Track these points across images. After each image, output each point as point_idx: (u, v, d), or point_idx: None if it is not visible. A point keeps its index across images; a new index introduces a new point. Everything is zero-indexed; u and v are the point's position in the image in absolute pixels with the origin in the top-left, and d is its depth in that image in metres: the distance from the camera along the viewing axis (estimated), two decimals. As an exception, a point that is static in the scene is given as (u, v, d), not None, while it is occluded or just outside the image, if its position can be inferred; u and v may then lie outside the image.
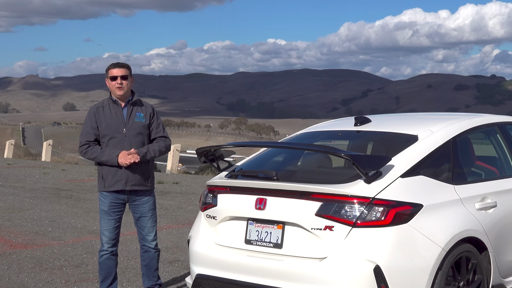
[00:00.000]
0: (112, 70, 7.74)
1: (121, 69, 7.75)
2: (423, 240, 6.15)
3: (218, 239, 6.90)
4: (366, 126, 7.62)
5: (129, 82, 7.78)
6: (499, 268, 7.01)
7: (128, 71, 7.79)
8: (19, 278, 9.15)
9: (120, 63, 7.83)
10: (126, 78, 7.73)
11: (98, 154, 7.61)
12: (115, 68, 7.75)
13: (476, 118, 7.84)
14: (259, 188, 6.61)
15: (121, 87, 7.68)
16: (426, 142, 6.88)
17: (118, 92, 7.70)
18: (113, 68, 7.76)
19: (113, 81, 7.70)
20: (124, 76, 7.71)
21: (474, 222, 6.67)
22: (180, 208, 15.70)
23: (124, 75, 7.71)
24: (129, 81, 7.76)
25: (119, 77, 7.68)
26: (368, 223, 6.06)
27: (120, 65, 7.80)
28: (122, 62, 7.84)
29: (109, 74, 7.75)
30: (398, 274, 6.02)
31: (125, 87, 7.71)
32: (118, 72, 7.71)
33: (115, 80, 7.69)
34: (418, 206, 6.22)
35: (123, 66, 7.79)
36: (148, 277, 7.94)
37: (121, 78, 7.68)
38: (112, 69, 7.75)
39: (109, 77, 7.74)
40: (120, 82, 7.67)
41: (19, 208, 15.42)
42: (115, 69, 7.74)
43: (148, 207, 7.82)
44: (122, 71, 7.73)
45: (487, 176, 7.60)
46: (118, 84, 7.67)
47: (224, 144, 7.35)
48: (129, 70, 7.82)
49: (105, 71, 7.83)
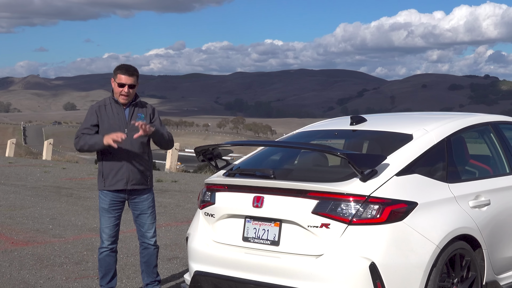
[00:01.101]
0: (121, 77, 7.45)
1: (131, 78, 7.46)
2: (417, 237, 6.15)
3: (216, 236, 6.90)
4: (361, 125, 7.62)
5: (135, 90, 7.58)
6: (493, 265, 7.01)
7: (137, 79, 7.52)
8: (20, 274, 9.14)
9: (130, 69, 7.52)
10: (134, 87, 7.51)
11: (87, 139, 7.41)
12: (124, 74, 7.45)
13: (470, 117, 7.84)
14: (256, 186, 6.61)
15: (127, 96, 7.51)
16: (421, 141, 6.88)
17: (122, 101, 7.52)
18: (122, 74, 7.46)
19: (119, 88, 7.47)
20: (132, 85, 7.48)
21: (468, 219, 6.68)
22: (178, 206, 15.70)
23: (132, 84, 7.48)
24: (135, 89, 7.57)
25: (127, 86, 7.46)
26: (363, 221, 6.06)
27: (131, 72, 7.49)
28: (133, 68, 7.54)
29: (117, 78, 7.47)
30: (393, 271, 6.02)
31: (131, 96, 7.54)
32: (127, 80, 7.45)
33: (122, 87, 7.46)
34: (413, 204, 6.22)
35: (133, 74, 7.48)
36: (147, 274, 7.92)
37: (129, 87, 7.47)
38: (121, 75, 7.46)
39: (116, 82, 7.49)
40: (127, 91, 7.47)
41: (20, 206, 15.41)
42: (124, 77, 7.45)
43: (147, 204, 7.80)
44: (131, 80, 7.46)
45: (481, 175, 7.60)
46: (124, 92, 7.47)
47: (222, 143, 7.35)
48: (137, 78, 7.55)
49: (113, 72, 7.55)
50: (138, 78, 7.60)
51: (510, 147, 7.89)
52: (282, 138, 8.40)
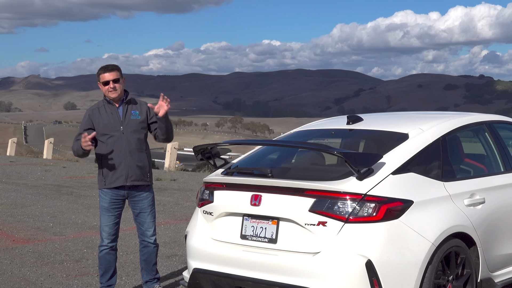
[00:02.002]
0: (104, 75, 7.66)
1: (112, 72, 7.67)
2: (413, 235, 6.16)
3: (215, 234, 6.90)
4: (358, 124, 7.62)
5: (121, 84, 7.73)
6: (487, 263, 7.02)
7: (119, 73, 7.71)
8: (21, 272, 9.14)
9: (109, 66, 7.74)
10: (118, 81, 7.67)
11: (75, 146, 7.61)
12: (105, 72, 7.67)
13: (465, 117, 7.84)
14: (254, 185, 6.62)
15: (114, 90, 7.65)
16: (417, 140, 6.88)
17: (112, 96, 7.67)
18: (103, 73, 7.67)
19: (105, 86, 7.65)
20: (115, 79, 7.65)
21: (463, 217, 6.68)
22: (177, 204, 15.70)
23: (115, 78, 7.65)
24: (121, 83, 7.71)
25: (111, 81, 7.63)
26: (360, 219, 6.07)
27: (110, 68, 7.71)
28: (112, 65, 7.77)
29: (101, 79, 7.68)
30: (389, 268, 6.03)
31: (118, 90, 7.67)
32: (109, 76, 7.65)
33: (107, 85, 7.64)
34: (409, 202, 6.23)
35: (113, 70, 7.70)
36: (146, 271, 7.93)
37: (113, 82, 7.64)
38: (103, 74, 7.67)
39: (101, 82, 7.69)
40: (113, 86, 7.64)
41: (21, 204, 15.40)
42: (106, 74, 7.66)
43: (147, 203, 7.81)
44: (113, 74, 7.66)
45: (476, 173, 7.60)
46: (111, 88, 7.63)
47: (221, 142, 7.35)
48: (119, 72, 7.73)
49: (96, 76, 7.76)
50: (121, 73, 7.75)
51: (504, 146, 7.89)
52: (279, 137, 8.39)
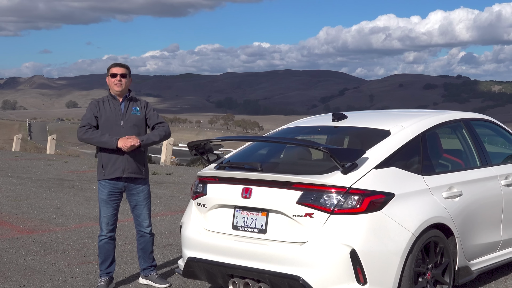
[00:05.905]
0: (113, 69, 7.82)
1: (121, 68, 7.84)
2: (395, 226, 6.16)
3: (208, 225, 6.89)
4: (343, 122, 7.62)
5: (127, 81, 7.83)
6: (465, 252, 7.02)
7: (127, 71, 7.86)
8: (26, 260, 9.11)
9: (120, 63, 7.91)
10: (125, 76, 7.80)
11: (98, 135, 7.62)
12: (115, 67, 7.83)
13: (443, 114, 7.84)
14: (245, 179, 6.61)
15: (120, 84, 7.74)
16: (398, 136, 6.88)
17: (117, 88, 7.75)
18: (114, 67, 7.84)
19: (113, 78, 7.77)
20: (123, 74, 7.78)
21: (441, 209, 6.68)
22: (173, 196, 15.66)
23: (123, 73, 7.79)
24: (127, 80, 7.82)
25: (119, 75, 7.76)
26: (344, 211, 6.07)
27: (120, 64, 7.89)
28: (123, 63, 7.92)
29: (110, 72, 7.82)
30: (372, 257, 6.03)
31: (123, 84, 7.77)
32: (118, 70, 7.80)
33: (115, 77, 7.76)
34: (391, 195, 6.23)
35: (123, 66, 7.87)
36: (144, 259, 7.94)
37: (121, 76, 7.76)
38: (113, 68, 7.84)
39: (109, 75, 7.81)
40: (120, 79, 7.75)
41: (26, 196, 15.35)
42: (116, 68, 7.82)
43: (143, 196, 7.82)
44: (122, 70, 7.82)
45: (454, 168, 7.60)
46: (117, 81, 7.75)
47: (213, 138, 7.35)
48: (128, 70, 7.89)
49: (107, 70, 7.89)
50: (130, 73, 7.92)
51: (480, 142, 7.90)
52: (269, 133, 8.38)
